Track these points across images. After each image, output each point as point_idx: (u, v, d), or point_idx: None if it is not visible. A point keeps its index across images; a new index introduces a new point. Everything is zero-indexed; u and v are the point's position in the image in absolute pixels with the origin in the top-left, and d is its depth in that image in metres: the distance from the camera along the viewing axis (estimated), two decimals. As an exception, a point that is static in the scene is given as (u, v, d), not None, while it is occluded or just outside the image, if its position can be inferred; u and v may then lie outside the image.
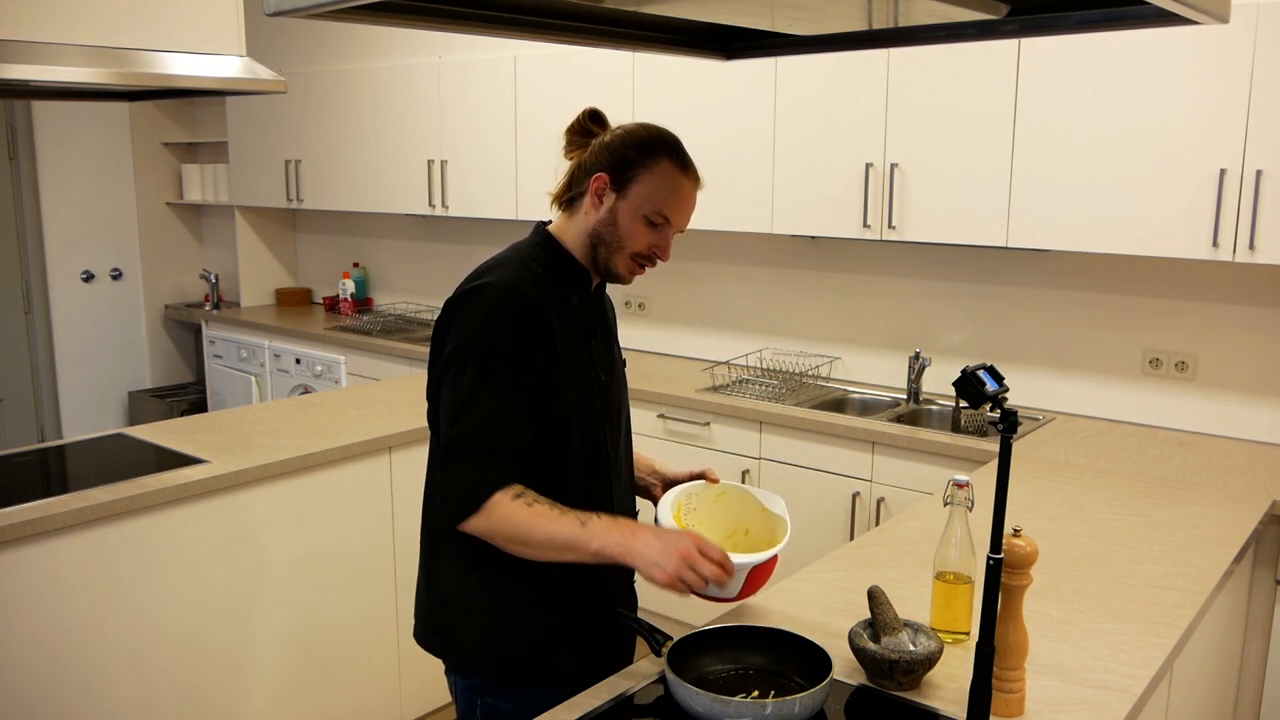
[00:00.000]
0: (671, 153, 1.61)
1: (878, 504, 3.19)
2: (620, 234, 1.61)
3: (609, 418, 1.68)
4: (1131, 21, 1.30)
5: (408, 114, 4.74)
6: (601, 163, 1.61)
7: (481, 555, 1.58)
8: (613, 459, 1.69)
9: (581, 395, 1.61)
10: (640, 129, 1.62)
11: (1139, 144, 2.85)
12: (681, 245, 4.25)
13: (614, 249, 1.62)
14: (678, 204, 1.62)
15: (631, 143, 1.60)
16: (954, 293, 3.59)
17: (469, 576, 1.63)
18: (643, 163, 1.59)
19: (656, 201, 1.60)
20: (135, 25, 2.49)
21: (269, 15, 1.05)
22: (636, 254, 1.63)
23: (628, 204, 1.60)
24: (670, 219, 1.62)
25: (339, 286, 5.47)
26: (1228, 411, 3.11)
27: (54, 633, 2.35)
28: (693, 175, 1.64)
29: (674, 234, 1.64)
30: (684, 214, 1.64)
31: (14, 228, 5.53)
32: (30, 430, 5.70)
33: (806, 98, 3.45)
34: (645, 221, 1.61)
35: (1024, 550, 1.45)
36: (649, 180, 1.59)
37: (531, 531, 1.50)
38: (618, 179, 1.60)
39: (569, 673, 1.63)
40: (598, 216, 1.62)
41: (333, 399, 3.44)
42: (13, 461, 2.74)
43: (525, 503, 1.51)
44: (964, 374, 1.37)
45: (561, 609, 1.64)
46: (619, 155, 1.60)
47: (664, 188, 1.60)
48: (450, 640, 1.67)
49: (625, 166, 1.59)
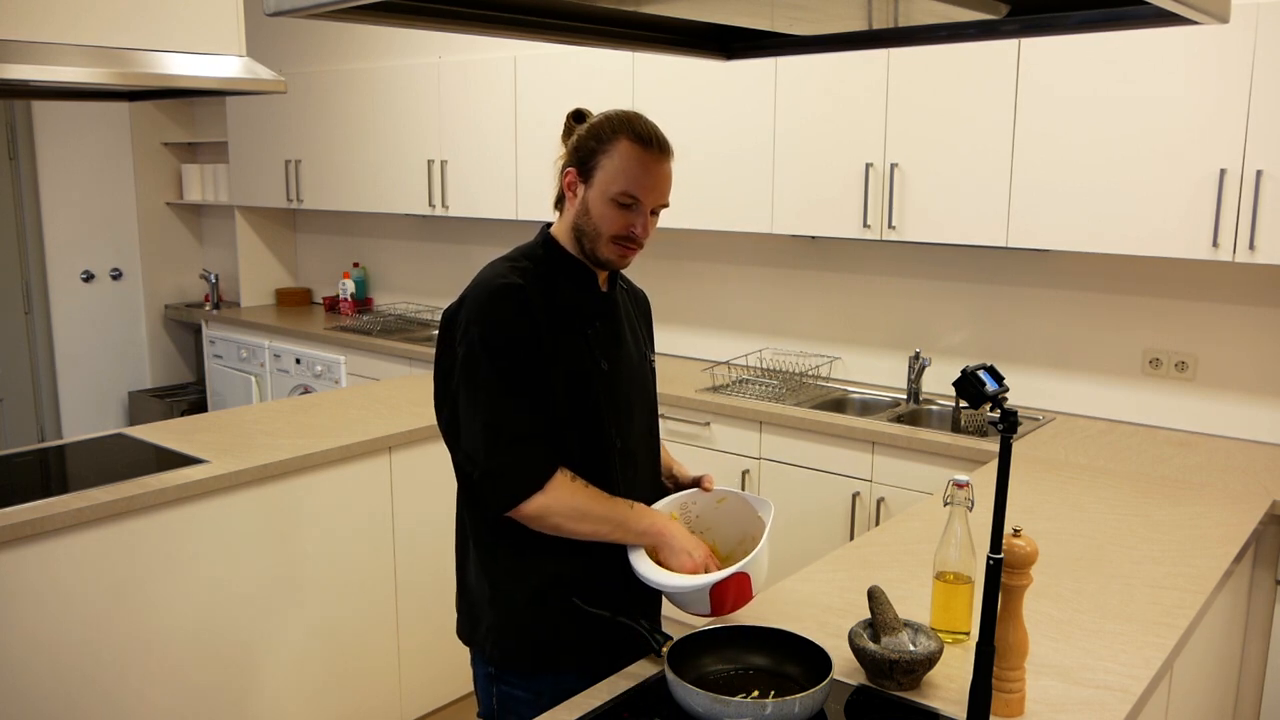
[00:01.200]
0: (628, 131, 1.63)
1: (878, 504, 3.19)
2: (594, 221, 1.64)
3: (612, 406, 1.70)
4: (1131, 21, 1.30)
5: (408, 114, 4.74)
6: (570, 159, 1.67)
7: (492, 550, 1.69)
8: (619, 447, 1.71)
9: (574, 381, 1.64)
10: (601, 117, 1.66)
11: (1139, 144, 2.85)
12: (681, 245, 4.25)
13: (594, 237, 1.66)
14: (643, 180, 1.63)
15: (591, 132, 1.64)
16: (954, 293, 3.59)
17: (484, 573, 1.70)
18: (601, 148, 1.63)
19: (621, 182, 1.62)
20: (135, 25, 2.49)
21: (269, 15, 1.05)
22: (615, 237, 1.65)
23: (595, 191, 1.64)
24: (638, 196, 1.63)
25: (339, 286, 5.47)
26: (1228, 411, 3.11)
27: (54, 633, 2.35)
28: (655, 149, 1.63)
29: (650, 209, 1.66)
30: (651, 189, 1.64)
31: (14, 228, 5.53)
32: (30, 430, 5.70)
33: (806, 98, 3.45)
34: (614, 204, 1.63)
35: (1024, 550, 1.45)
36: (609, 164, 1.62)
37: (591, 508, 1.61)
38: (583, 170, 1.65)
39: (582, 661, 1.68)
40: (575, 210, 1.67)
41: (333, 399, 3.44)
42: (13, 461, 2.74)
43: (582, 484, 1.63)
44: (964, 374, 1.37)
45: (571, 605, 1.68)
46: (582, 147, 1.65)
47: (625, 168, 1.62)
48: (475, 632, 1.74)
49: (588, 156, 1.64)
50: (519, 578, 1.68)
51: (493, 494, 1.60)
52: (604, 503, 1.63)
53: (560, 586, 1.68)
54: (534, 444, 1.59)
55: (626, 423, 1.73)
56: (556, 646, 1.69)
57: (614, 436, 1.70)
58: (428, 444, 3.12)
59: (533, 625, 1.69)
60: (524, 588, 1.68)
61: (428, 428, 3.09)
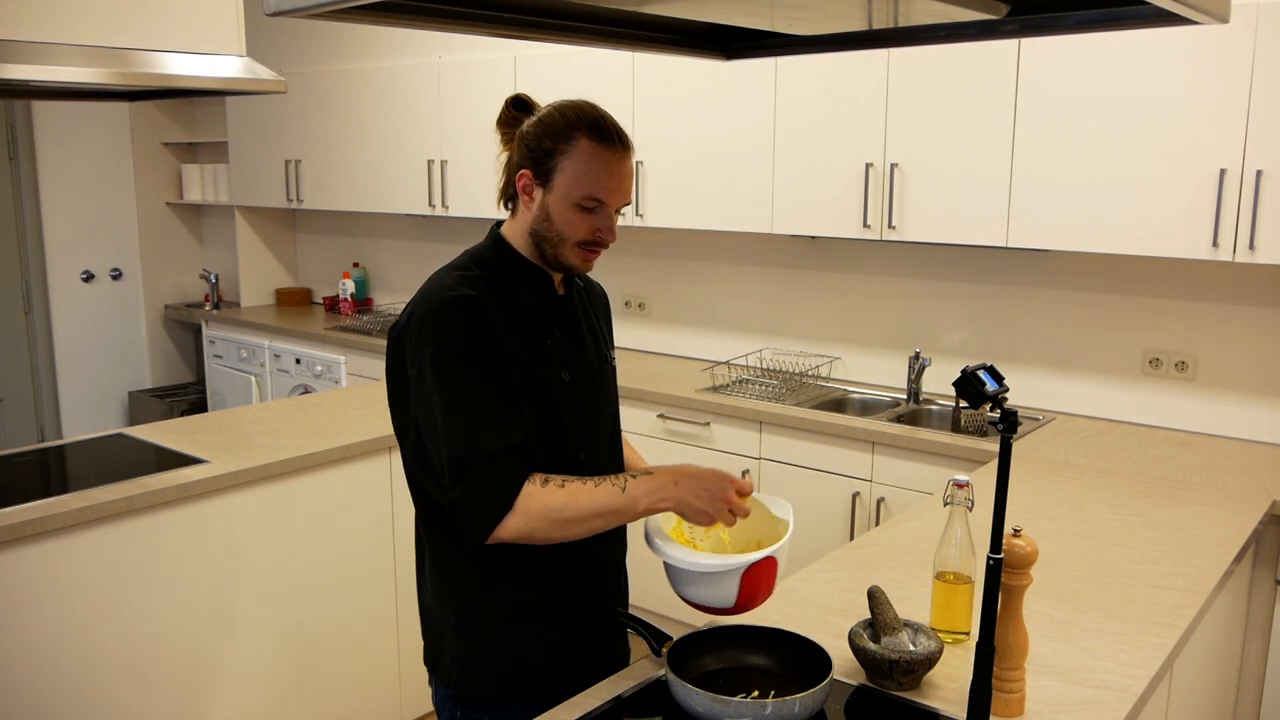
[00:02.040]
0: (587, 129, 1.51)
1: (878, 504, 3.19)
2: (557, 227, 1.53)
3: (576, 419, 1.60)
4: (1131, 21, 1.30)
5: (408, 114, 4.74)
6: (523, 158, 1.54)
7: (454, 579, 1.59)
8: (582, 460, 1.61)
9: (535, 395, 1.53)
10: (553, 111, 1.54)
11: (1139, 144, 2.85)
12: (682, 245, 4.25)
13: (556, 243, 1.55)
14: (606, 182, 1.51)
15: (545, 131, 1.52)
16: (954, 293, 3.59)
17: (444, 599, 1.62)
18: (560, 149, 1.51)
19: (583, 186, 1.51)
20: (135, 25, 2.49)
21: (269, 15, 1.05)
22: (580, 242, 1.54)
23: (555, 195, 1.52)
24: (602, 199, 1.52)
25: (339, 286, 5.47)
26: (1228, 411, 3.11)
27: (54, 633, 2.35)
28: (617, 146, 1.52)
29: (615, 209, 1.55)
30: (615, 190, 1.53)
31: (14, 228, 5.53)
32: (30, 430, 5.70)
33: (806, 98, 3.45)
34: (578, 209, 1.52)
35: (1024, 550, 1.45)
36: (569, 166, 1.50)
37: (575, 510, 1.46)
38: (539, 172, 1.52)
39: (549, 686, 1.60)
40: (532, 215, 1.55)
41: (333, 399, 3.44)
42: (13, 461, 2.74)
43: (556, 485, 1.47)
44: (964, 374, 1.37)
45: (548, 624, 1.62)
46: (536, 147, 1.52)
47: (586, 170, 1.50)
48: (436, 657, 1.67)
49: (544, 157, 1.52)
50: (483, 608, 1.59)
51: (465, 527, 1.47)
52: (589, 495, 1.47)
53: (527, 612, 1.60)
54: (496, 464, 1.45)
55: (590, 435, 1.63)
56: (524, 674, 1.61)
57: (578, 450, 1.60)
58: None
59: (499, 656, 1.60)
60: (489, 618, 1.59)
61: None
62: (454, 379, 1.47)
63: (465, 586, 1.59)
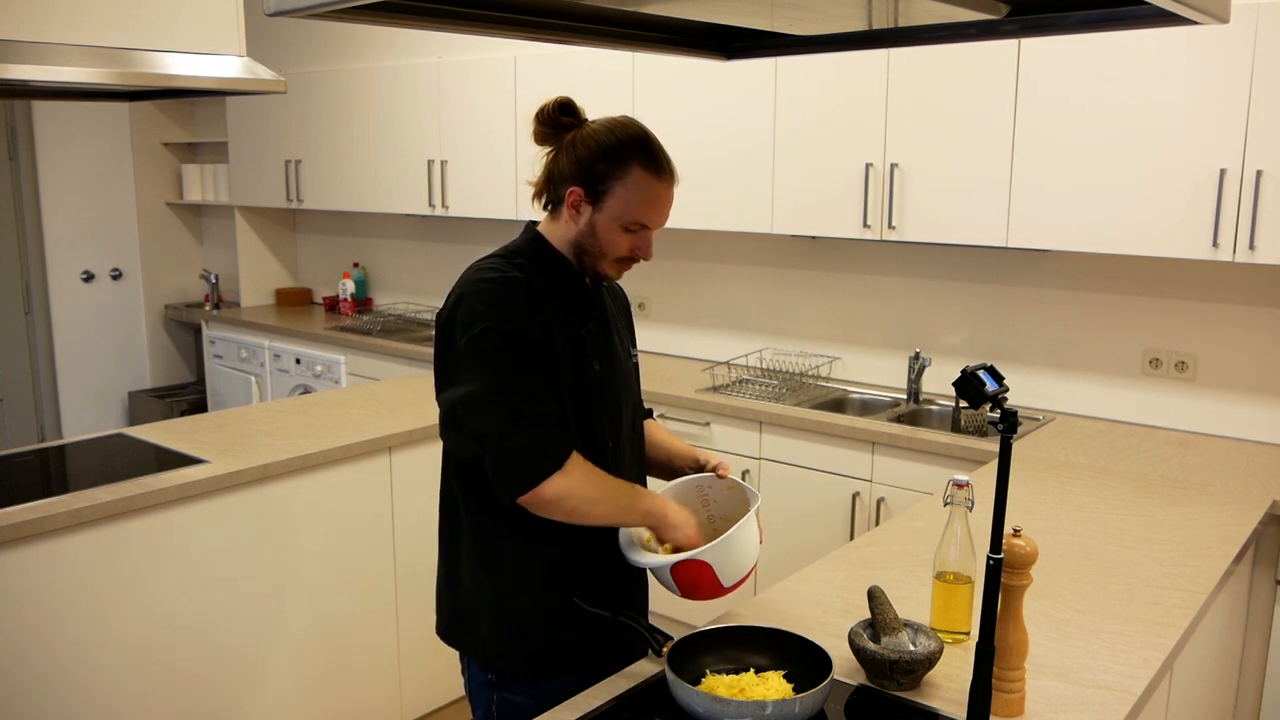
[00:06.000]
0: (642, 157, 1.60)
1: (878, 504, 3.19)
2: (601, 244, 1.64)
3: (605, 406, 1.70)
4: (1131, 21, 1.31)
5: (408, 114, 4.74)
6: (574, 174, 1.62)
7: (496, 558, 1.67)
8: (610, 447, 1.71)
9: (571, 380, 1.63)
10: (608, 134, 1.62)
11: (1139, 144, 2.85)
12: (682, 245, 4.25)
13: (597, 257, 1.66)
14: (654, 209, 1.63)
15: (600, 154, 1.60)
16: (954, 293, 3.59)
17: (484, 579, 1.68)
18: (614, 174, 1.60)
19: (632, 212, 1.61)
20: (135, 25, 2.49)
21: (269, 15, 1.05)
22: (620, 258, 1.66)
23: (604, 216, 1.62)
24: (648, 225, 1.64)
25: (339, 286, 5.47)
26: (1228, 411, 3.11)
27: (54, 633, 2.35)
28: (667, 175, 1.63)
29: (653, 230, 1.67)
30: (661, 216, 1.66)
31: (14, 228, 5.53)
32: (30, 430, 5.70)
33: (806, 98, 3.45)
34: (623, 230, 1.63)
35: (1024, 550, 1.45)
36: (622, 192, 1.60)
37: (604, 491, 1.59)
38: (591, 192, 1.61)
39: (582, 664, 1.68)
40: (578, 229, 1.64)
41: (333, 399, 3.44)
42: (13, 461, 2.74)
43: (591, 466, 1.59)
44: (964, 374, 1.37)
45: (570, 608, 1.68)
46: (590, 168, 1.60)
47: (638, 198, 1.61)
48: (469, 638, 1.73)
49: (597, 180, 1.60)
50: (519, 583, 1.67)
51: (510, 476, 1.53)
52: (613, 485, 1.61)
53: (559, 588, 1.67)
54: (549, 424, 1.55)
55: (617, 422, 1.74)
56: (558, 650, 1.69)
57: (606, 436, 1.70)
58: (428, 444, 3.12)
59: (534, 630, 1.68)
60: (524, 593, 1.67)
61: (428, 428, 3.09)
62: (510, 349, 1.55)
63: (503, 564, 1.67)
